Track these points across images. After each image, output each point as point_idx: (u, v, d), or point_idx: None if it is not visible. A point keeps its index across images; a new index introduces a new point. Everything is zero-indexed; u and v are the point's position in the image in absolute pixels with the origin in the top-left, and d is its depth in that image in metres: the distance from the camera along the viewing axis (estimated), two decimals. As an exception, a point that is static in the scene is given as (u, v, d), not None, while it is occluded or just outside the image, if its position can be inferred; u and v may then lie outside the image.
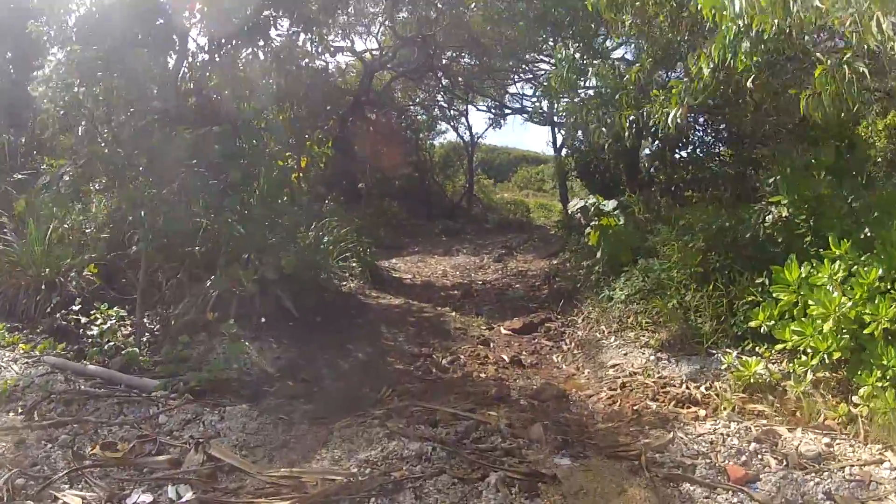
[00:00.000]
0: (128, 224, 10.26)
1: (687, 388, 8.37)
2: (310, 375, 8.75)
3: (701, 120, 17.76)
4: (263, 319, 9.84)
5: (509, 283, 18.05)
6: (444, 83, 26.68)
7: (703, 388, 8.32)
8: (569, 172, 20.21)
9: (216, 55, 12.46)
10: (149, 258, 10.03)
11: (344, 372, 9.01)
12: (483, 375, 9.08)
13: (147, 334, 9.76)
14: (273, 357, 9.11)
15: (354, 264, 14.40)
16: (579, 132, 16.18)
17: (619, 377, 8.84)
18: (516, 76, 27.84)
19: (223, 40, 12.19)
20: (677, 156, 18.75)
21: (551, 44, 25.12)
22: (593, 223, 11.53)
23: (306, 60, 19.56)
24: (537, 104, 22.53)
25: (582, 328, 11.55)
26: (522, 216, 32.17)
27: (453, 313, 12.56)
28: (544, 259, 21.57)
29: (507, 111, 31.75)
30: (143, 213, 9.45)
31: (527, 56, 25.36)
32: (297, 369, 8.88)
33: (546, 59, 25.45)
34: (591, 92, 11.42)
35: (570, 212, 11.34)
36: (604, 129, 10.83)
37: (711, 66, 8.00)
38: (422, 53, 22.62)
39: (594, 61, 11.21)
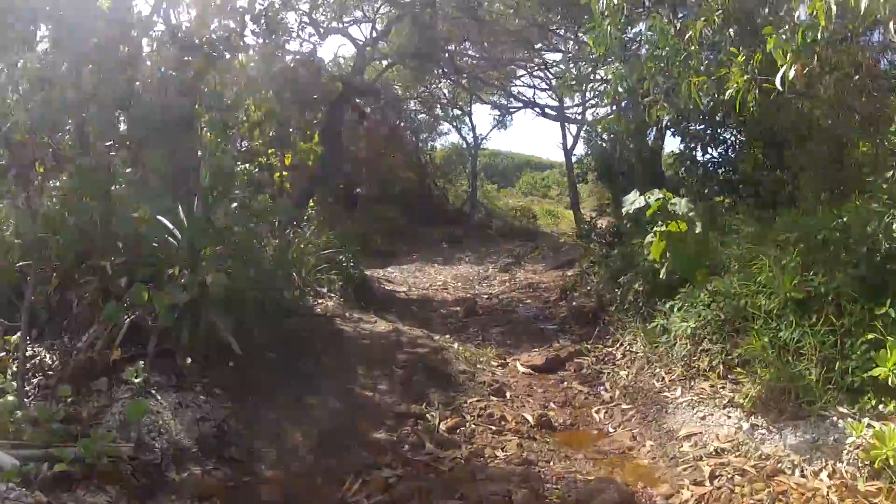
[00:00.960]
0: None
1: (803, 474, 5.40)
2: (242, 451, 5.71)
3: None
4: (190, 360, 6.85)
5: (519, 298, 15.08)
6: (445, 71, 23.47)
7: (824, 476, 5.34)
8: (587, 174, 17.11)
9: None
10: (63, 271, 7.15)
11: (294, 445, 5.92)
12: (500, 454, 6.03)
13: (39, 376, 6.80)
14: (195, 418, 6.05)
15: (335, 277, 11.40)
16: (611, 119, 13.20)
17: (703, 458, 5.81)
18: (524, 68, 24.73)
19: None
20: (707, 156, 15.97)
21: (561, 32, 22.65)
22: (656, 229, 8.29)
23: (286, 38, 16.63)
24: (567, 77, 19.18)
25: (625, 367, 8.54)
26: (528, 223, 29.22)
27: (455, 345, 9.37)
28: (556, 270, 18.61)
29: (515, 108, 28.81)
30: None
31: (536, 45, 22.50)
32: (227, 439, 5.84)
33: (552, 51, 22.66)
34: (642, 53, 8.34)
35: (624, 211, 7.86)
36: (664, 103, 7.69)
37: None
38: (421, 37, 19.62)
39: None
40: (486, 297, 15.52)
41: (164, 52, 9.57)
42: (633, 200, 7.76)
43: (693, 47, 7.37)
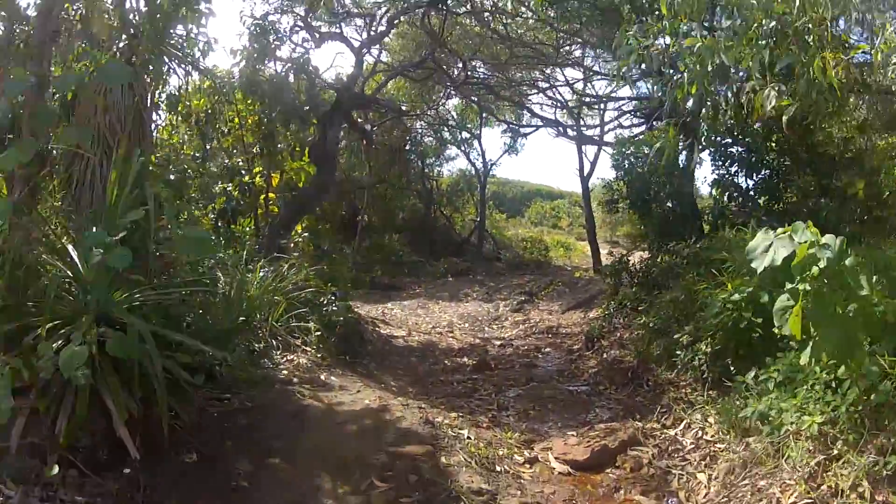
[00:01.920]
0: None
1: None
2: None
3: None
4: (57, 469, 4.39)
5: (537, 346, 12.54)
6: (454, 85, 21.02)
7: None
8: (617, 201, 14.56)
9: None
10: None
11: None
12: None
13: None
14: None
15: (313, 325, 8.87)
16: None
17: None
18: (538, 85, 22.25)
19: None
20: (750, 181, 13.64)
21: (578, 53, 20.32)
22: (799, 287, 5.25)
23: (277, 42, 14.33)
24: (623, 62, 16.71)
25: (703, 468, 5.88)
26: (540, 255, 26.71)
27: (463, 429, 6.51)
28: (574, 310, 16.09)
29: (530, 128, 26.39)
30: None
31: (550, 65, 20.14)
32: None
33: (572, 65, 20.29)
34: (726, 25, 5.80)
35: (751, 260, 4.84)
36: (779, 88, 5.08)
37: None
38: (427, 44, 17.25)
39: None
40: (498, 343, 12.97)
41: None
42: (767, 247, 4.69)
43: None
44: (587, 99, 21.60)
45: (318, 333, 8.77)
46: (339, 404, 6.58)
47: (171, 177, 8.47)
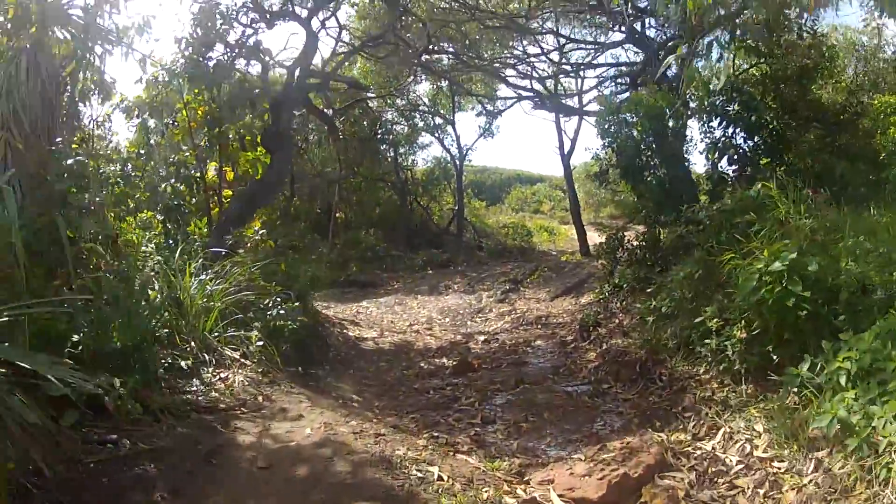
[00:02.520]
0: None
1: None
2: None
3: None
4: None
5: (526, 339, 11.00)
6: (422, 63, 19.38)
7: None
8: (607, 172, 12.85)
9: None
10: None
11: None
12: None
13: None
14: None
15: (254, 334, 7.25)
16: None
17: None
18: (513, 59, 20.57)
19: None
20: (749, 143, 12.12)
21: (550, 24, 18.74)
22: None
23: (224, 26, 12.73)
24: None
25: (765, 499, 4.29)
26: (523, 241, 25.12)
27: (433, 469, 4.79)
28: (564, 297, 14.57)
29: (508, 100, 24.77)
30: None
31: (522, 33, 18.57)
32: None
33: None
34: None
35: None
36: None
37: None
38: (392, 19, 15.62)
39: None
40: (482, 338, 11.41)
41: None
42: None
43: None
44: (566, 66, 19.91)
45: (262, 343, 7.12)
46: (272, 436, 4.98)
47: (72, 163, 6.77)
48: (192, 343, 6.73)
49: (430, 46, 17.83)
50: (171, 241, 10.05)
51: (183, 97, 12.82)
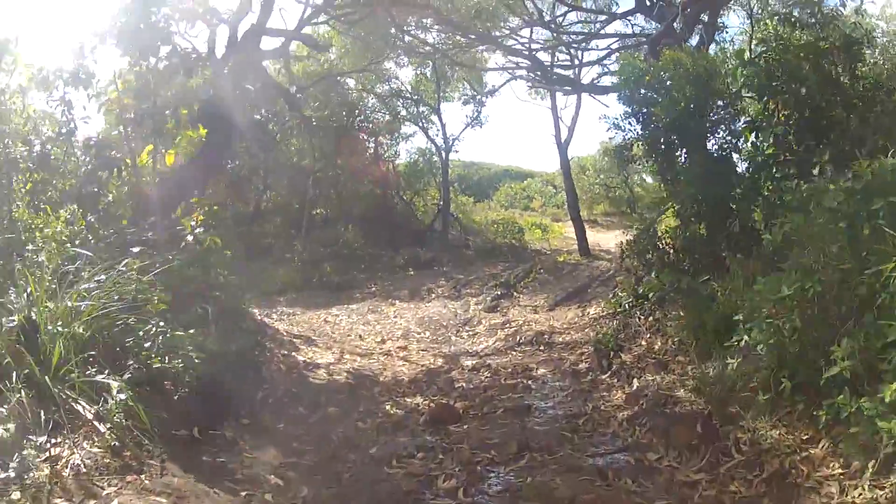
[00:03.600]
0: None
1: None
2: None
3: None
4: None
5: (527, 367, 8.34)
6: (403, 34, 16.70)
7: None
8: (631, 147, 9.85)
9: None
10: None
11: None
12: None
13: None
14: None
15: (114, 383, 4.53)
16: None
17: None
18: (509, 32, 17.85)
19: None
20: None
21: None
22: None
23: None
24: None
25: None
26: (513, 239, 22.42)
27: None
28: (567, 305, 12.01)
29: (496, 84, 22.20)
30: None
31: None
32: None
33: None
34: None
35: None
36: None
37: None
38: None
39: None
40: (469, 363, 8.75)
41: None
42: None
43: None
44: (568, 36, 17.11)
45: (125, 397, 4.41)
46: None
47: None
48: (30, 391, 4.11)
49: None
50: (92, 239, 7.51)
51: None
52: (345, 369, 8.16)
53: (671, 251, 8.20)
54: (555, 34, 16.27)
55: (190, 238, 8.68)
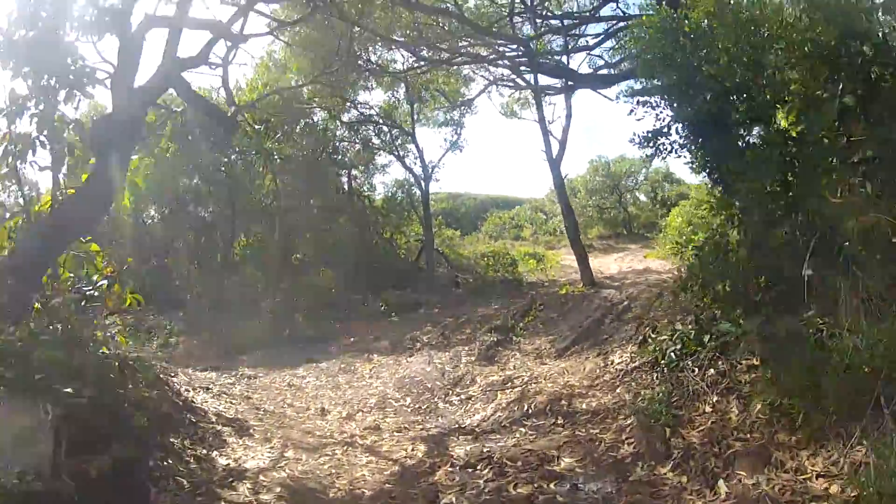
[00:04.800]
0: None
1: None
2: None
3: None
4: None
5: (547, 458, 5.68)
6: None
7: None
8: (668, 131, 7.11)
9: None
10: None
11: None
12: None
13: None
14: None
15: None
16: None
17: None
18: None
19: None
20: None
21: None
22: None
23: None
24: None
25: None
26: (506, 272, 19.77)
27: None
28: (582, 351, 9.47)
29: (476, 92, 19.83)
30: None
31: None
32: None
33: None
34: None
35: None
36: None
37: None
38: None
39: None
40: (462, 452, 6.09)
41: None
42: None
43: None
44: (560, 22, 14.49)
45: None
46: None
47: None
48: None
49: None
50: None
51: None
52: (280, 480, 5.45)
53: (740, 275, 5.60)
54: (541, 20, 13.72)
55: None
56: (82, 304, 6.81)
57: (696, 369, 6.04)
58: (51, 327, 5.67)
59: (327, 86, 17.43)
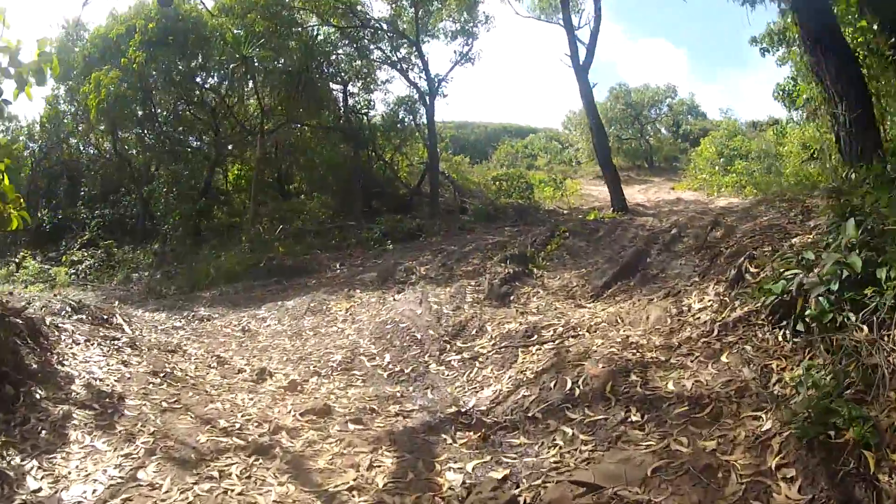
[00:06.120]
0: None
1: None
2: None
3: None
4: None
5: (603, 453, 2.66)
6: None
7: None
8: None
9: None
10: None
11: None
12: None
13: None
14: None
15: None
16: None
17: None
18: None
19: None
20: None
21: None
22: None
23: None
24: None
25: None
26: (521, 198, 16.76)
27: None
28: (636, 291, 6.46)
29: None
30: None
31: None
32: None
33: None
34: None
35: None
36: None
37: None
38: None
39: None
40: (461, 479, 3.13)
41: None
42: None
43: None
44: None
45: None
46: None
47: None
48: None
49: None
50: None
51: None
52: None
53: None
54: None
55: None
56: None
57: (874, 329, 3.15)
58: None
59: None
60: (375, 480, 3.19)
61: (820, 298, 3.64)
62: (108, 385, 4.68)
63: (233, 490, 3.08)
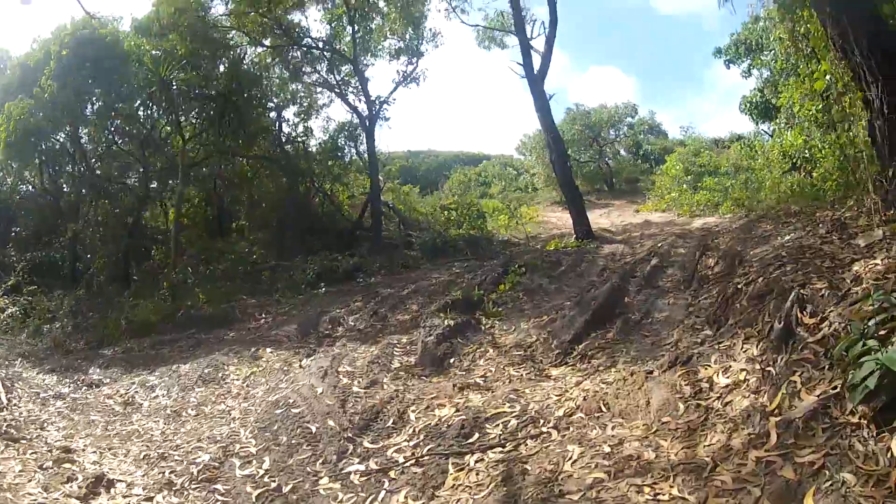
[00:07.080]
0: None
1: None
2: None
3: None
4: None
5: None
6: None
7: None
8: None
9: None
10: None
11: None
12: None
13: None
14: None
15: None
16: None
17: None
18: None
19: None
20: None
21: None
22: None
23: None
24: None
25: None
26: (472, 228, 14.88)
27: None
28: (609, 350, 4.59)
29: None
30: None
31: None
32: None
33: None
34: None
35: None
36: None
37: None
38: None
39: None
40: None
41: None
42: None
43: None
44: None
45: None
46: None
47: None
48: None
49: None
50: None
51: None
52: None
53: None
54: None
55: None
56: None
57: None
58: None
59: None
60: None
61: None
62: None
63: None
